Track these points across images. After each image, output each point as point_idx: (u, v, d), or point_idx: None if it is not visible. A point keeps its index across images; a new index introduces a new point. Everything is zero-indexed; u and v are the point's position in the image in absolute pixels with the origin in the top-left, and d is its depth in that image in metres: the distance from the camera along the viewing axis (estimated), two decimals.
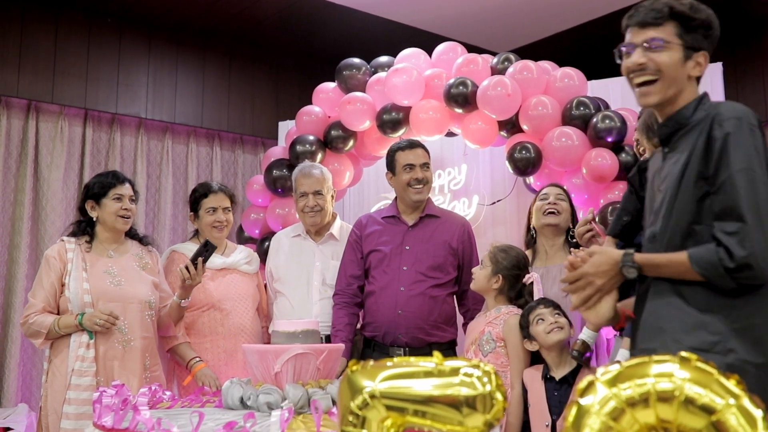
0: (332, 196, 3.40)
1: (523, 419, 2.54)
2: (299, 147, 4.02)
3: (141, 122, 4.87)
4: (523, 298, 2.73)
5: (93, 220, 2.97)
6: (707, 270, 1.61)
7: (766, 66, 4.93)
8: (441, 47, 4.03)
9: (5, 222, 4.38)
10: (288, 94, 5.37)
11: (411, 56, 4.02)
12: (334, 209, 3.47)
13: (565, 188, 3.09)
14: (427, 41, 4.33)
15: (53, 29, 4.56)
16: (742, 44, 4.93)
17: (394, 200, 3.25)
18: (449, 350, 3.03)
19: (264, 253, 3.68)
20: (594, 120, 3.40)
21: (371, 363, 1.23)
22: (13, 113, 4.45)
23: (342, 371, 2.69)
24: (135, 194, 3.04)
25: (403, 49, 4.07)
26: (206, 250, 2.98)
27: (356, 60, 4.14)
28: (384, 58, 4.12)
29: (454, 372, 1.14)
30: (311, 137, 4.07)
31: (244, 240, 4.27)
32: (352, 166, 4.15)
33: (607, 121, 3.36)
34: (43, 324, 2.77)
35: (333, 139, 4.05)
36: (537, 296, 2.67)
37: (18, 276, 4.27)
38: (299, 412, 2.09)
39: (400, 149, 3.13)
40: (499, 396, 1.11)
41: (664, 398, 1.01)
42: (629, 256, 1.72)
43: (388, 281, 3.04)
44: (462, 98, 3.64)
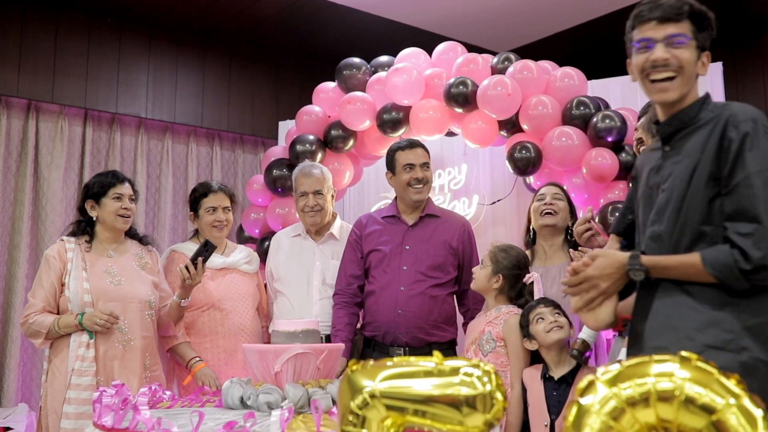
0: (332, 196, 3.40)
1: (523, 419, 2.54)
2: (299, 147, 4.02)
3: (141, 122, 4.87)
4: (524, 298, 2.73)
5: (93, 220, 2.97)
6: (722, 272, 1.60)
7: (766, 66, 4.92)
8: (441, 47, 4.03)
9: (5, 221, 4.38)
10: (288, 94, 5.37)
11: (411, 56, 4.01)
12: (334, 209, 3.47)
13: (562, 186, 3.08)
14: (428, 41, 4.33)
15: (53, 29, 4.56)
16: (742, 44, 4.93)
17: (394, 200, 3.25)
18: (449, 350, 3.02)
19: (264, 253, 3.67)
20: (594, 120, 3.40)
21: (371, 363, 1.22)
22: (13, 113, 4.45)
23: (342, 371, 2.69)
24: (135, 194, 3.04)
25: (403, 49, 4.07)
26: (206, 250, 2.98)
27: (356, 60, 4.14)
28: (384, 58, 4.12)
29: (454, 372, 1.14)
30: (311, 137, 4.07)
31: (244, 240, 4.27)
32: (352, 166, 4.15)
33: (608, 121, 3.36)
34: (43, 324, 2.77)
35: (333, 139, 4.05)
36: (537, 296, 2.66)
37: (18, 276, 4.27)
38: (299, 412, 2.09)
39: (400, 149, 3.13)
40: (499, 396, 1.11)
41: (665, 398, 1.01)
42: (636, 259, 1.70)
43: (388, 281, 3.03)
44: (462, 98, 3.63)
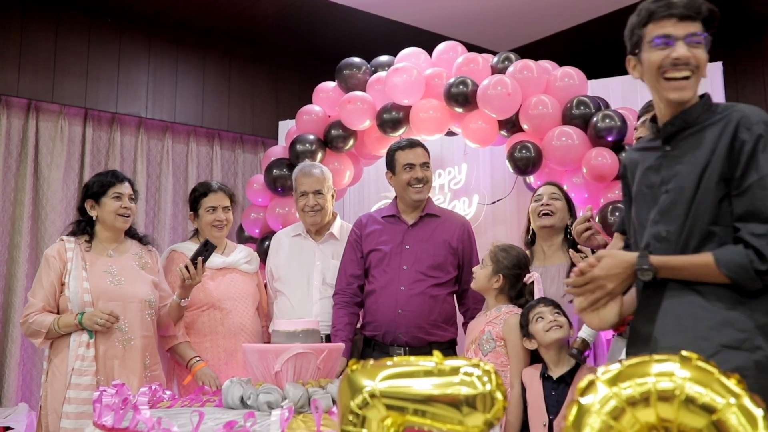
0: (332, 196, 3.40)
1: (523, 418, 2.54)
2: (299, 146, 4.02)
3: (141, 122, 4.87)
4: (524, 298, 2.73)
5: (92, 220, 2.97)
6: (736, 273, 1.60)
7: (766, 66, 4.92)
8: (441, 46, 4.03)
9: (5, 221, 4.38)
10: (288, 94, 5.37)
11: (411, 55, 4.01)
12: (335, 209, 3.47)
13: (560, 185, 3.07)
14: (428, 40, 4.33)
15: (53, 28, 4.56)
16: (742, 44, 4.93)
17: (394, 199, 3.25)
18: (449, 349, 3.02)
19: (264, 253, 3.67)
20: (594, 119, 3.40)
21: (371, 362, 1.22)
22: (13, 112, 4.45)
23: (342, 371, 2.69)
24: (134, 193, 3.04)
25: (404, 49, 4.07)
26: (206, 250, 2.98)
27: (356, 59, 4.14)
28: (384, 58, 4.12)
29: (454, 371, 1.14)
30: (311, 136, 4.06)
31: (244, 239, 4.27)
32: (352, 166, 4.14)
33: (608, 121, 3.36)
34: (43, 323, 2.77)
35: (333, 139, 4.04)
36: (537, 296, 2.66)
37: (18, 275, 4.27)
38: (299, 412, 2.09)
39: (400, 148, 3.13)
40: (499, 395, 1.11)
41: (665, 397, 1.01)
42: (645, 259, 1.69)
43: (388, 280, 3.03)
44: (462, 97, 3.63)
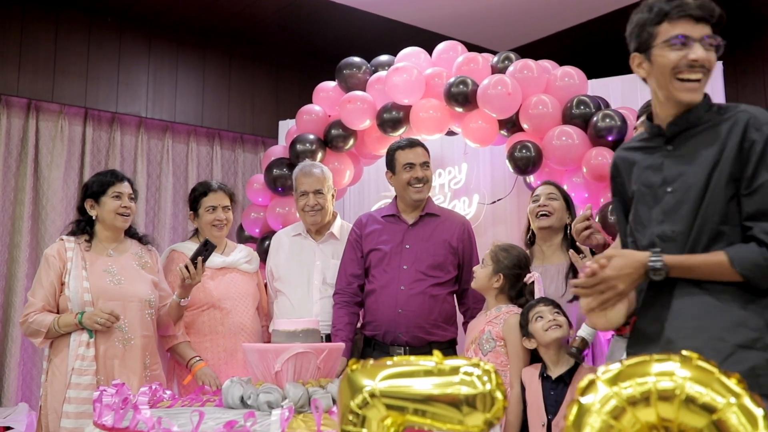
0: (332, 195, 3.40)
1: (522, 418, 2.54)
2: (299, 146, 4.02)
3: (141, 121, 4.87)
4: (524, 298, 2.73)
5: (92, 219, 2.97)
6: (751, 271, 1.60)
7: (766, 66, 4.92)
8: (441, 46, 4.03)
9: (5, 221, 4.37)
10: (288, 93, 5.37)
11: (411, 55, 4.01)
12: (335, 208, 3.47)
13: (558, 184, 3.07)
14: (428, 40, 4.32)
15: (53, 28, 4.55)
16: (742, 44, 4.93)
17: (394, 199, 3.25)
18: (449, 349, 3.02)
19: (264, 252, 3.67)
20: (594, 119, 3.40)
21: (371, 362, 1.22)
22: (14, 112, 4.45)
23: (342, 370, 2.69)
24: (134, 192, 3.04)
25: (404, 48, 4.06)
26: (206, 249, 2.98)
27: (356, 59, 4.14)
28: (384, 57, 4.11)
29: (454, 371, 1.14)
30: (311, 136, 4.06)
31: (245, 239, 4.27)
32: (353, 165, 4.14)
33: (608, 120, 3.36)
34: (43, 323, 2.77)
35: (333, 138, 4.04)
36: (538, 296, 2.66)
37: (18, 275, 4.27)
38: (299, 411, 2.09)
39: (400, 148, 3.13)
40: (499, 395, 1.11)
41: (665, 397, 1.01)
42: (658, 259, 1.67)
43: (389, 280, 3.03)
44: (462, 97, 3.63)
